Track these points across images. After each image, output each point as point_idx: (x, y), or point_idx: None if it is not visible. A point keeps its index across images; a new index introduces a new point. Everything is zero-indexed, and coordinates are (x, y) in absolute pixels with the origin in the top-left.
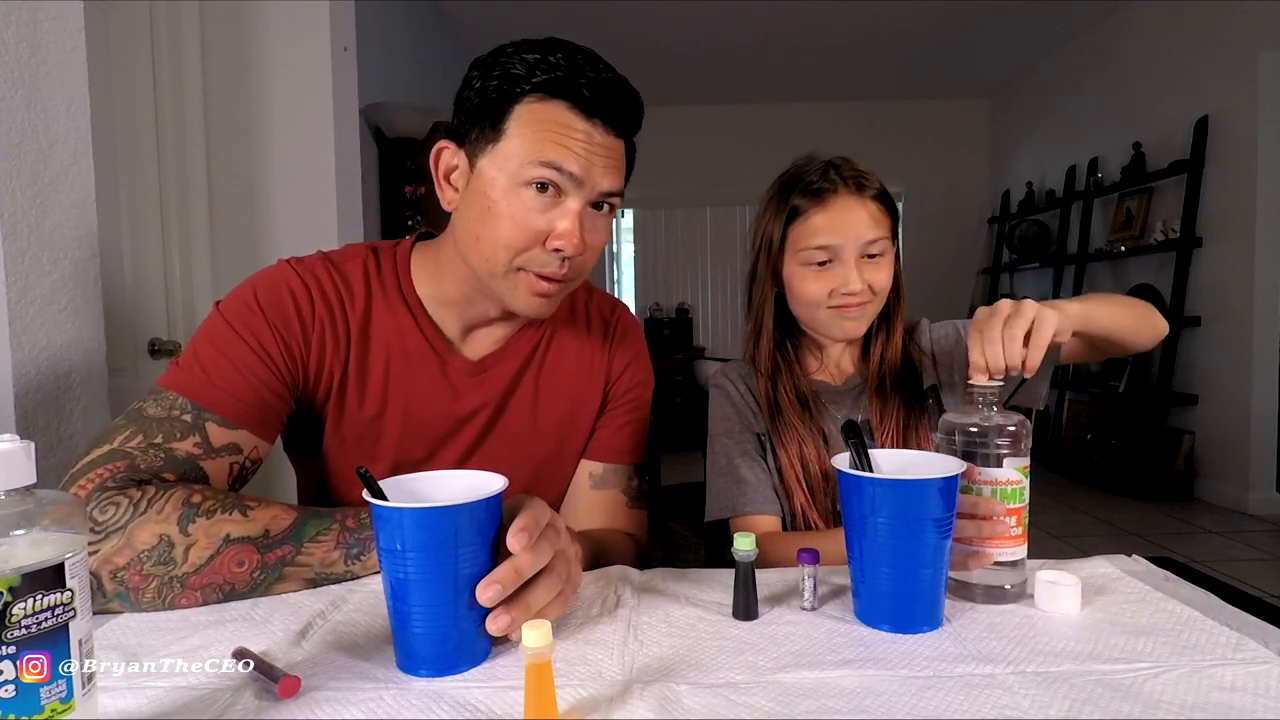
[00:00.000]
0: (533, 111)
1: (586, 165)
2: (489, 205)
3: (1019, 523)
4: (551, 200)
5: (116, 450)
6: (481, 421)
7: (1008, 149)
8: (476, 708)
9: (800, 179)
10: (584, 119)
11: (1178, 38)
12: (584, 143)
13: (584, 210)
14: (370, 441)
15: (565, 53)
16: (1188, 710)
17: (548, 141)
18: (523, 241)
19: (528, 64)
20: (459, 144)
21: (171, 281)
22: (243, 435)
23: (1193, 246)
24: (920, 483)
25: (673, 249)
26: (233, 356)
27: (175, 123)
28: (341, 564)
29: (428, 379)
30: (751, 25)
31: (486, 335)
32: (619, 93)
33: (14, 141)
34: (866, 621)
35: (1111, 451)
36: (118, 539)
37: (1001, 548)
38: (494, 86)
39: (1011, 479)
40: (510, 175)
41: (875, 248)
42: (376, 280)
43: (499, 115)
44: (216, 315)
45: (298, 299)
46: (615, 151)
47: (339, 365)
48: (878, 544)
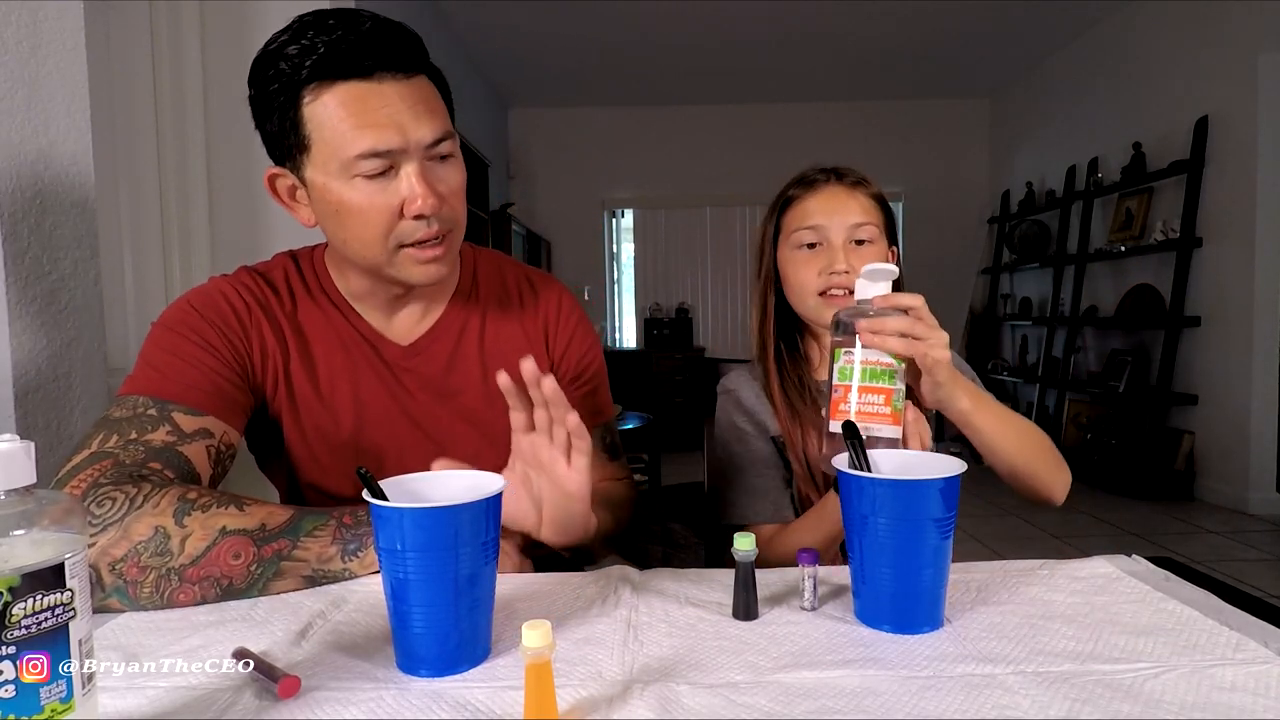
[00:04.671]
0: (322, 105)
1: (399, 130)
2: (335, 209)
3: (887, 402)
4: (388, 178)
5: (97, 453)
6: (428, 401)
7: (1008, 149)
8: (476, 708)
9: (798, 176)
10: (370, 83)
11: (1178, 38)
12: (384, 109)
13: (421, 167)
14: (329, 432)
15: (317, 26)
16: (1188, 710)
17: (353, 130)
18: (383, 227)
19: (291, 59)
20: (280, 164)
21: (171, 281)
22: (210, 420)
23: (1193, 246)
24: (920, 483)
25: (673, 249)
26: (181, 354)
27: (175, 123)
28: (338, 560)
29: (368, 366)
30: (751, 25)
31: (408, 317)
32: (388, 35)
33: (14, 141)
34: (867, 622)
35: (1111, 451)
36: (115, 531)
37: (870, 423)
38: (274, 93)
39: (883, 361)
40: (337, 175)
41: (863, 233)
42: (299, 283)
43: (294, 123)
44: (157, 328)
45: (232, 301)
46: (418, 93)
47: (282, 358)
48: (878, 544)
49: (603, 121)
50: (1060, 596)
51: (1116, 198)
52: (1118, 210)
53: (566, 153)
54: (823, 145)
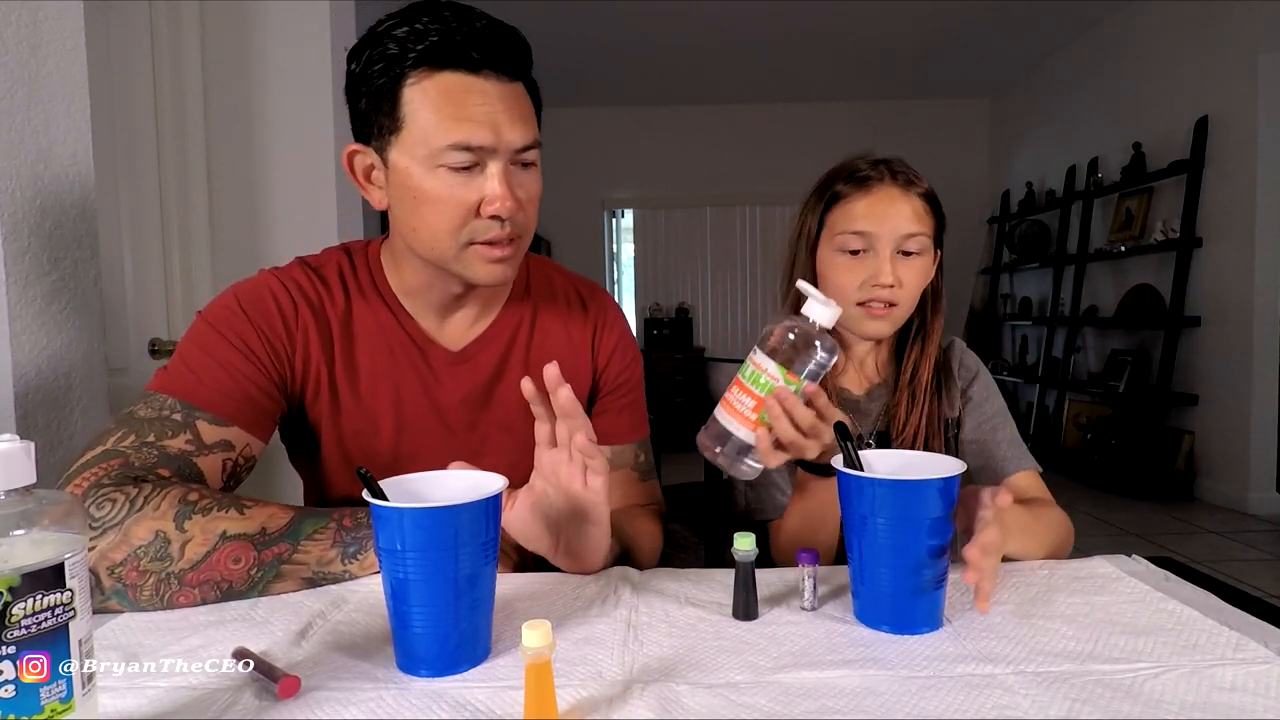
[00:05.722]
0: (423, 90)
1: (493, 129)
2: (413, 195)
3: (755, 410)
4: (472, 174)
5: (110, 450)
6: (470, 410)
7: (1008, 149)
8: (476, 708)
9: (847, 169)
10: (475, 77)
11: (1178, 38)
12: (483, 106)
13: (506, 169)
14: (367, 438)
15: (431, 14)
16: (1188, 710)
17: (449, 120)
18: (457, 220)
19: (400, 40)
20: (365, 143)
21: (171, 281)
22: (234, 432)
23: (1193, 246)
24: (919, 483)
25: (673, 249)
26: (219, 357)
27: (175, 123)
28: (338, 563)
29: (412, 370)
30: (752, 25)
31: (462, 320)
32: (499, 36)
33: (14, 141)
34: (866, 622)
35: (1111, 451)
36: (114, 535)
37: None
38: (377, 73)
39: (767, 370)
40: (423, 161)
41: (913, 244)
42: (353, 279)
43: (392, 103)
44: (200, 321)
45: (280, 301)
46: (516, 98)
47: (326, 363)
48: (877, 544)
49: (603, 121)
50: (1060, 596)
51: (1116, 198)
52: (1118, 210)
53: (566, 152)
54: (823, 145)
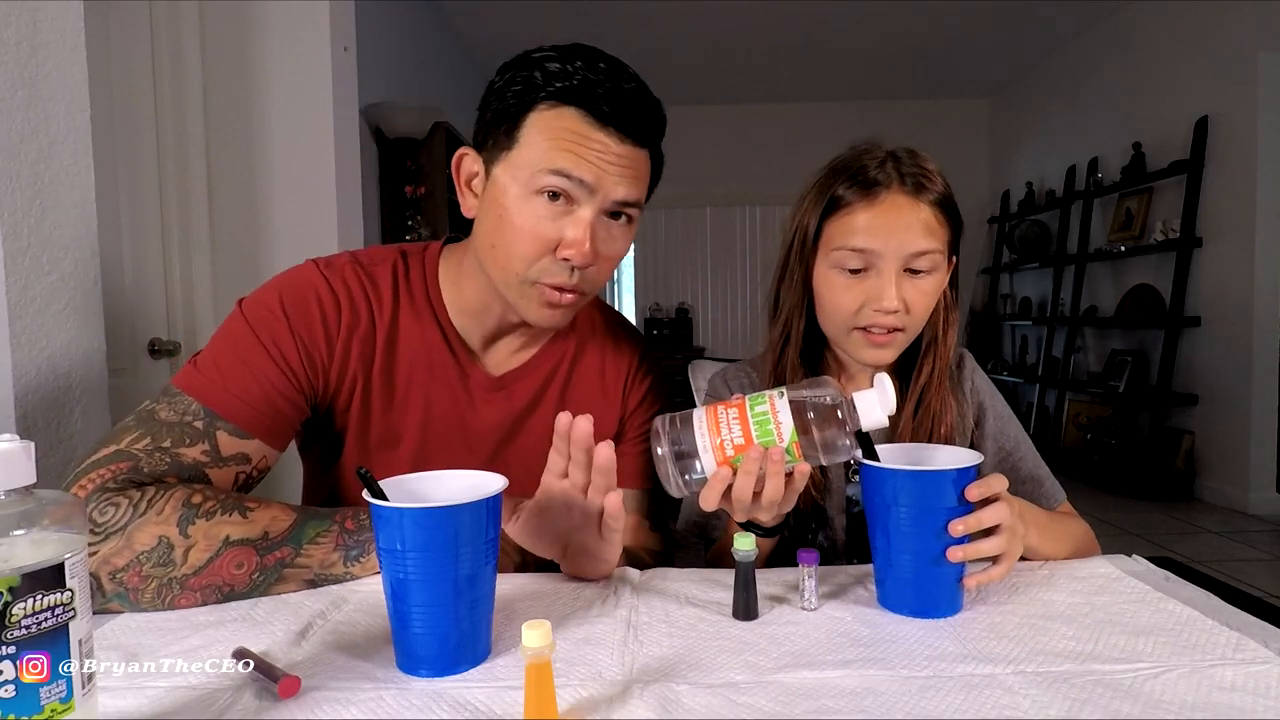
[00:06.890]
0: (545, 119)
1: (598, 173)
2: (502, 213)
3: (737, 450)
4: (563, 209)
5: (122, 451)
6: (497, 438)
7: (1008, 149)
8: (476, 708)
9: (852, 166)
10: (598, 127)
11: (1177, 38)
12: (597, 151)
13: (597, 219)
14: (389, 449)
15: (586, 60)
16: (1188, 710)
17: (559, 149)
18: (534, 250)
19: (547, 72)
20: (478, 150)
21: (171, 281)
22: (253, 445)
23: (1193, 246)
24: (938, 473)
25: (673, 249)
26: (251, 364)
27: (175, 123)
28: (341, 565)
29: (447, 388)
30: (752, 25)
31: (507, 347)
32: (636, 101)
33: (14, 141)
34: (890, 608)
35: (1111, 451)
36: (117, 540)
37: (705, 436)
38: (514, 93)
39: (781, 424)
40: (523, 183)
41: (922, 262)
42: (405, 287)
43: (514, 123)
44: (239, 316)
45: (324, 306)
46: (633, 160)
47: (363, 374)
48: (900, 533)
49: None
50: (1060, 596)
51: (1116, 198)
52: (1118, 210)
53: None
54: (823, 145)
